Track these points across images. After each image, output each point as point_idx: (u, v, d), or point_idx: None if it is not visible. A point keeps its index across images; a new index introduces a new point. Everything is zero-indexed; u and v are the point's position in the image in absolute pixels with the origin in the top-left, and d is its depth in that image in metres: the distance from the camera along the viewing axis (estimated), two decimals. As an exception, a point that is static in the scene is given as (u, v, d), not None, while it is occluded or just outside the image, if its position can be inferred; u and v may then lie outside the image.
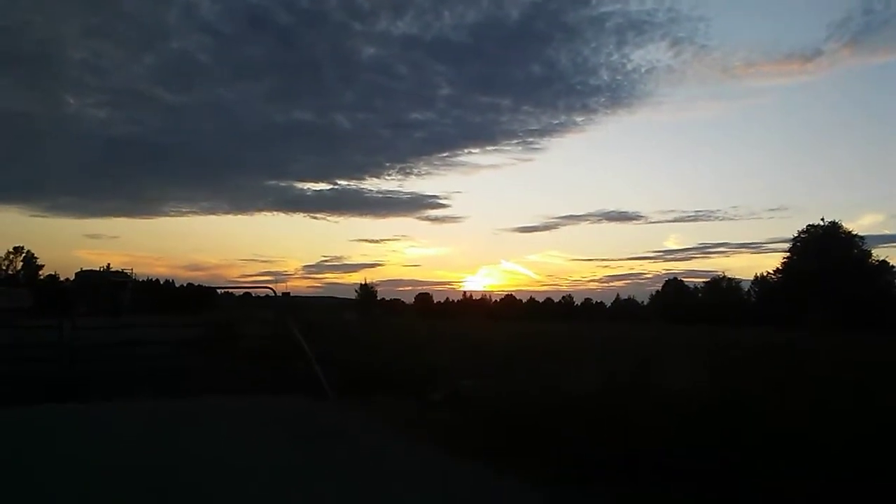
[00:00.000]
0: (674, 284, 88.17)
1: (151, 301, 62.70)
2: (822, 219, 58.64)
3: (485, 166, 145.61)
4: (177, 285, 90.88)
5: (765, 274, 69.30)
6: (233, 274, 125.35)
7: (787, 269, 60.36)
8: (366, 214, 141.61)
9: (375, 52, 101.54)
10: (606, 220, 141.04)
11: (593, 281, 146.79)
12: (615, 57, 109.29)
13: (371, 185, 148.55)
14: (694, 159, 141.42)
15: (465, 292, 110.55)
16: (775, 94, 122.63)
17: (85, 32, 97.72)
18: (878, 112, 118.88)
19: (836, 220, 58.05)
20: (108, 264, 73.04)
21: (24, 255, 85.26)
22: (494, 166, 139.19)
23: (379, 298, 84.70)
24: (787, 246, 61.38)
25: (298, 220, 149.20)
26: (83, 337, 14.11)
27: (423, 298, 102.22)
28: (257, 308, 26.62)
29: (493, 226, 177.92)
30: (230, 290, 38.50)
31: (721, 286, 78.86)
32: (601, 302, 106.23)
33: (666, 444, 5.77)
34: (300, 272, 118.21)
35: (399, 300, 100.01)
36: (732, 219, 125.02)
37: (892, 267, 56.02)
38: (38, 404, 10.60)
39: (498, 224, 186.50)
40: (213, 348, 16.08)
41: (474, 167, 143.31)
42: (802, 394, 7.32)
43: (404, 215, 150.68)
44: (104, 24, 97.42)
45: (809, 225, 59.37)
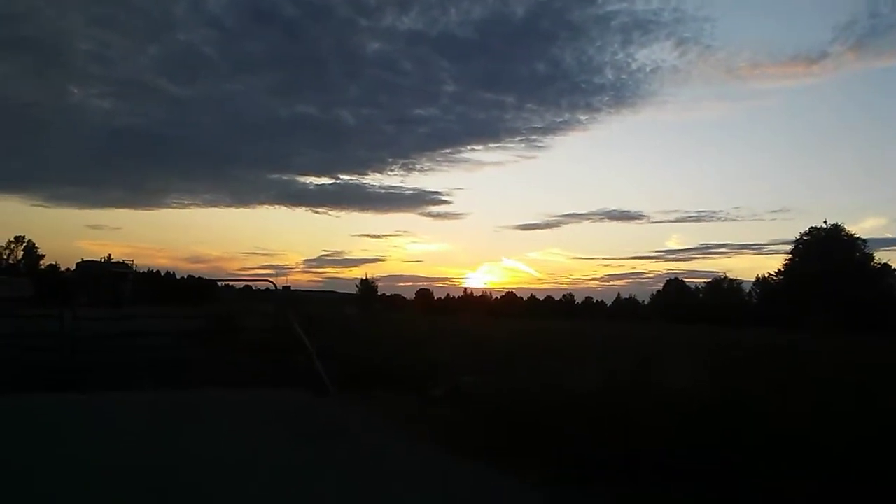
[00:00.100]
0: (675, 284, 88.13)
1: (152, 292, 62.74)
2: (825, 221, 58.62)
3: (488, 163, 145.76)
4: (178, 277, 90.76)
5: (766, 275, 69.32)
6: (234, 267, 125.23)
7: (789, 270, 60.30)
8: (368, 209, 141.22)
9: (380, 48, 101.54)
10: (608, 218, 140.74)
11: (594, 280, 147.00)
12: (620, 56, 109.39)
13: (373, 180, 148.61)
14: (697, 159, 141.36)
15: (465, 289, 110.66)
16: (780, 96, 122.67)
17: (91, 22, 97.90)
18: (882, 115, 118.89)
19: (839, 223, 58.05)
20: (110, 255, 73.07)
21: (25, 244, 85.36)
22: (497, 163, 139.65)
23: (380, 294, 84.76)
24: (789, 248, 61.39)
25: (300, 213, 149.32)
26: (84, 327, 14.11)
27: (424, 294, 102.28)
28: (258, 301, 26.66)
29: (495, 223, 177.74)
30: (231, 283, 38.59)
31: (722, 287, 78.80)
32: (602, 301, 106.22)
33: (666, 444, 5.75)
34: (301, 266, 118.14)
35: (400, 296, 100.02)
36: (735, 220, 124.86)
37: (895, 270, 56.05)
38: (38, 394, 10.61)
39: (500, 221, 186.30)
40: (214, 340, 16.08)
41: (477, 164, 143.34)
42: (803, 395, 7.29)
43: (406, 211, 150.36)
44: (111, 14, 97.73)
45: (812, 227, 59.36)
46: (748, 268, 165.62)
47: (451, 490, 5.84)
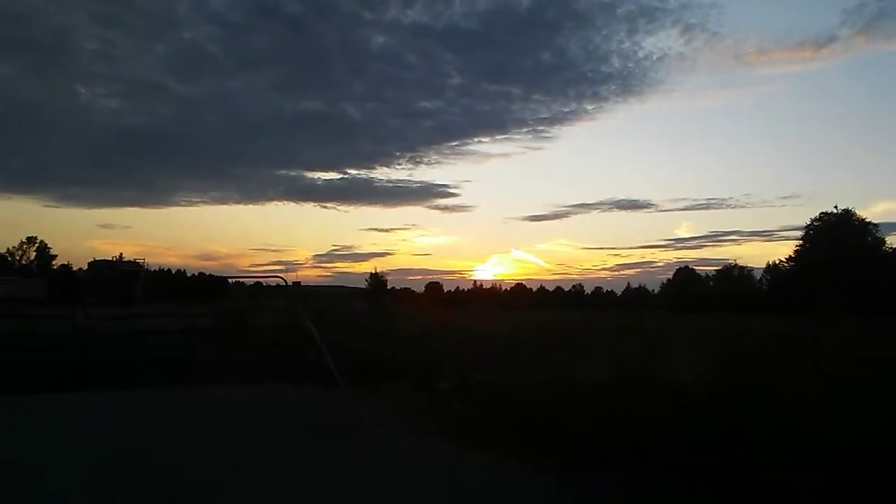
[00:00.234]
0: (685, 273, 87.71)
1: (164, 290, 63.11)
2: (836, 206, 58.22)
3: (495, 155, 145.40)
4: (189, 275, 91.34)
5: (777, 262, 68.96)
6: (244, 263, 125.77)
7: (799, 257, 59.95)
8: (376, 204, 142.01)
9: (385, 41, 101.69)
10: (617, 208, 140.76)
11: (604, 269, 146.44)
12: (626, 44, 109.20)
13: (381, 174, 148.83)
14: (705, 147, 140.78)
15: (475, 281, 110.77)
16: (788, 82, 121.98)
17: (96, 21, 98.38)
18: (892, 99, 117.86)
19: (850, 208, 57.64)
20: (121, 254, 73.57)
21: (37, 245, 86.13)
22: (504, 155, 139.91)
23: (389, 287, 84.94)
24: (799, 234, 61.02)
25: (308, 209, 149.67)
26: (95, 327, 14.24)
27: (433, 287, 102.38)
28: (268, 297, 26.76)
29: (503, 214, 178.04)
30: (241, 280, 38.74)
31: (733, 274, 78.41)
32: (612, 291, 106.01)
33: (669, 437, 5.76)
34: (310, 261, 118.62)
35: (409, 289, 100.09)
36: (744, 206, 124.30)
37: (906, 254, 55.62)
38: (49, 394, 10.68)
39: (508, 213, 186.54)
40: (225, 338, 16.19)
41: (484, 156, 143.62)
42: (808, 386, 7.27)
43: (414, 204, 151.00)
44: (115, 13, 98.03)
45: (822, 212, 58.95)
46: (758, 255, 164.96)
47: (461, 483, 5.89)
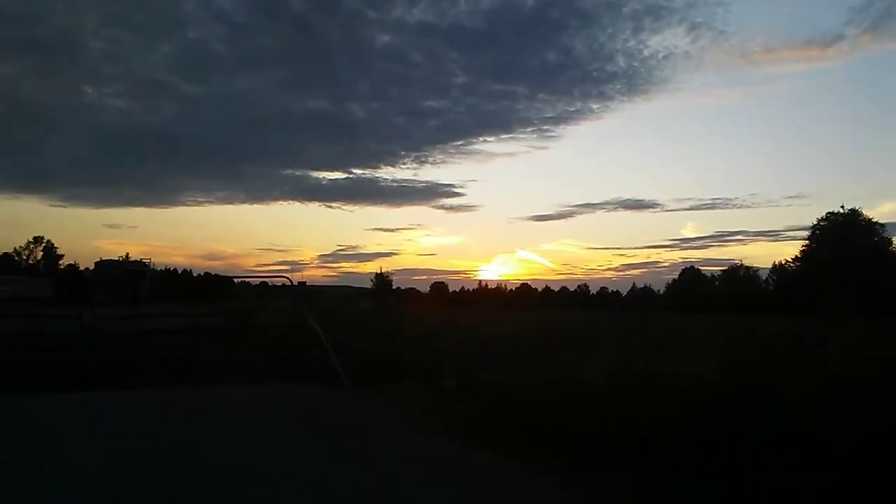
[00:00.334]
0: (690, 273, 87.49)
1: (170, 290, 63.31)
2: (842, 206, 58.10)
3: (500, 154, 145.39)
4: (195, 274, 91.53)
5: (783, 262, 68.80)
6: (249, 263, 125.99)
7: (806, 257, 59.81)
8: (381, 203, 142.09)
9: (390, 40, 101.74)
10: (622, 208, 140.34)
11: (609, 270, 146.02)
12: (632, 43, 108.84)
13: (386, 173, 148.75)
14: (711, 146, 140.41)
15: (480, 281, 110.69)
16: (794, 81, 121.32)
17: (104, 21, 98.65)
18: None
19: (856, 208, 57.50)
20: (128, 254, 73.81)
21: (44, 244, 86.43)
22: (509, 154, 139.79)
23: (394, 287, 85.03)
24: (806, 234, 60.91)
25: (314, 209, 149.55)
26: (101, 326, 14.30)
27: (439, 287, 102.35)
28: (274, 297, 26.83)
29: (509, 214, 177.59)
30: (247, 280, 38.81)
31: (738, 274, 78.22)
32: (617, 291, 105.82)
33: (673, 437, 5.76)
34: (316, 261, 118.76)
35: (414, 289, 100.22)
36: (750, 206, 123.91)
37: (914, 254, 55.39)
38: (56, 393, 10.72)
39: (513, 212, 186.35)
40: (230, 337, 16.24)
41: (489, 155, 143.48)
42: (813, 386, 7.26)
43: (419, 204, 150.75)
44: (122, 12, 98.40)
45: (829, 212, 58.83)
46: (764, 255, 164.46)
47: (466, 482, 5.90)
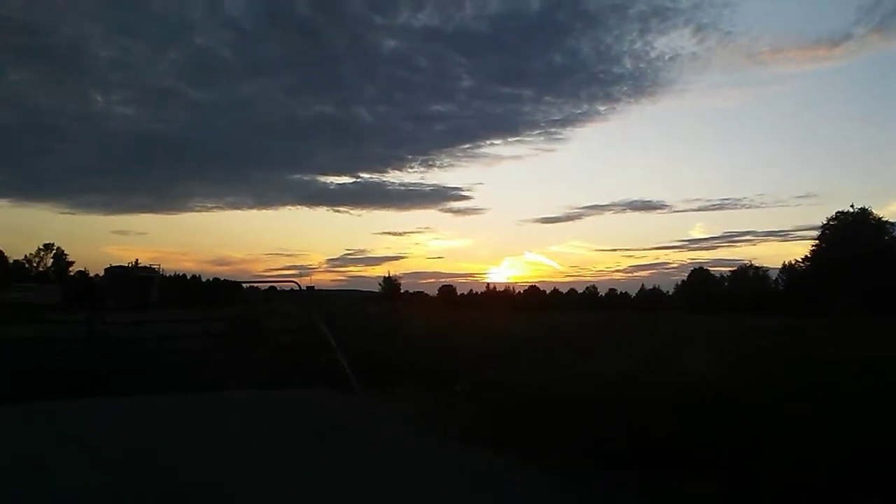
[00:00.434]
0: (699, 274, 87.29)
1: (179, 296, 63.55)
2: (852, 206, 57.86)
3: (507, 157, 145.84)
4: (203, 280, 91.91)
5: (793, 262, 68.55)
6: (258, 268, 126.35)
7: (816, 256, 59.55)
8: (388, 207, 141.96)
9: (396, 45, 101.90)
10: (630, 209, 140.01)
11: (618, 271, 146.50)
12: (638, 45, 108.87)
13: (393, 177, 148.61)
14: (719, 147, 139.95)
15: (488, 284, 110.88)
16: (802, 80, 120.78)
17: (112, 30, 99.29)
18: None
19: (866, 207, 57.24)
20: (137, 260, 74.16)
21: (54, 251, 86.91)
22: (517, 157, 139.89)
23: (402, 291, 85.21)
24: (815, 233, 60.68)
25: (322, 213, 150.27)
26: (111, 332, 14.36)
27: (447, 290, 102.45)
28: (282, 302, 26.93)
29: (516, 217, 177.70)
30: (256, 285, 38.92)
31: (748, 275, 78.02)
32: (626, 292, 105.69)
33: (676, 438, 5.75)
34: (324, 266, 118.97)
35: (423, 292, 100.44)
36: (759, 207, 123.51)
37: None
38: (64, 399, 10.70)
39: (521, 215, 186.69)
40: (239, 342, 16.27)
41: (496, 158, 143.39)
42: (818, 388, 7.24)
43: (427, 208, 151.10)
44: (131, 21, 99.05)
45: (838, 212, 58.63)
46: (774, 255, 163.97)
47: (468, 483, 5.91)
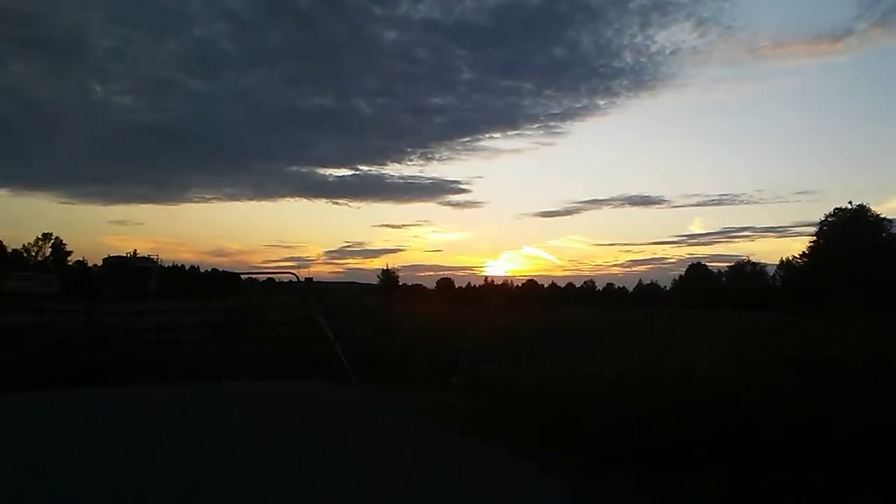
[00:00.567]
0: (697, 269, 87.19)
1: (177, 286, 63.53)
2: (850, 202, 57.75)
3: (506, 151, 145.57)
4: (202, 271, 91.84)
5: (790, 258, 68.59)
6: (256, 259, 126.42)
7: (813, 253, 59.54)
8: (387, 200, 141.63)
9: (396, 37, 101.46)
10: (629, 204, 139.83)
11: (616, 266, 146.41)
12: (639, 38, 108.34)
13: (392, 170, 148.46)
14: (718, 142, 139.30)
15: (486, 277, 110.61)
16: (802, 75, 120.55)
17: (111, 19, 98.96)
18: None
19: (864, 204, 57.18)
20: (135, 250, 73.96)
21: (52, 241, 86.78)
22: (516, 151, 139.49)
23: (400, 284, 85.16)
24: (813, 230, 60.61)
25: (320, 205, 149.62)
26: (109, 322, 14.34)
27: (445, 284, 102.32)
28: (280, 293, 26.89)
29: (515, 211, 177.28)
30: (254, 276, 38.89)
31: (745, 271, 77.96)
32: (623, 287, 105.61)
33: (676, 437, 5.76)
34: (322, 258, 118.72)
35: (421, 285, 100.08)
36: (757, 202, 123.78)
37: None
38: (62, 389, 10.70)
39: (520, 209, 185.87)
40: (237, 334, 16.27)
41: (496, 152, 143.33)
42: (817, 387, 7.25)
43: (426, 200, 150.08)
44: (130, 11, 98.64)
45: (837, 208, 58.48)
46: (772, 251, 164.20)
47: (467, 475, 5.93)
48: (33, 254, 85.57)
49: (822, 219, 59.29)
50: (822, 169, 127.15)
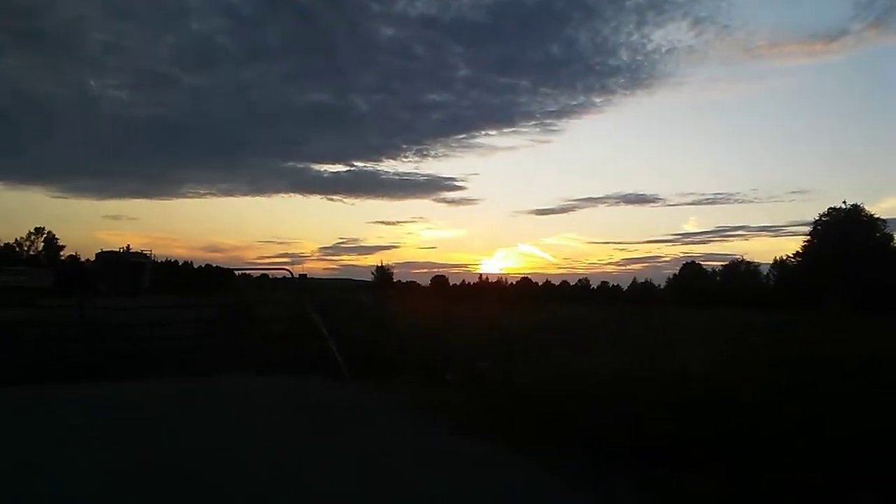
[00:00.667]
0: (691, 268, 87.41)
1: (170, 282, 63.33)
2: (844, 202, 58.00)
3: (502, 148, 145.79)
4: (195, 266, 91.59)
5: (785, 257, 68.83)
6: (250, 255, 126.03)
7: (807, 252, 59.75)
8: (382, 196, 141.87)
9: (393, 33, 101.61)
10: (624, 202, 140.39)
11: (610, 264, 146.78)
12: (635, 37, 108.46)
13: (388, 166, 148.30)
14: (714, 141, 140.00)
15: (481, 275, 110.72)
16: (798, 75, 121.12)
17: (107, 13, 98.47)
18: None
19: (858, 203, 57.40)
20: (128, 245, 73.85)
21: (45, 235, 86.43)
22: (512, 148, 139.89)
23: (395, 281, 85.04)
24: (807, 229, 60.84)
25: (315, 201, 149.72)
26: (101, 317, 14.27)
27: (439, 281, 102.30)
28: (274, 289, 26.87)
29: (510, 208, 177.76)
30: (247, 272, 38.79)
31: (739, 270, 78.26)
32: (618, 285, 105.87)
33: (672, 436, 5.74)
34: (317, 254, 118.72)
35: (415, 282, 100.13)
36: (752, 202, 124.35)
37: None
38: (55, 384, 10.64)
39: (515, 206, 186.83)
40: (230, 329, 16.21)
41: (491, 149, 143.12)
42: (810, 387, 7.24)
43: (421, 197, 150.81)
44: (126, 5, 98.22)
45: (831, 208, 58.78)
46: (766, 250, 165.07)
47: (462, 473, 5.92)
48: (25, 248, 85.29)
49: (817, 218, 59.63)
50: (817, 168, 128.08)
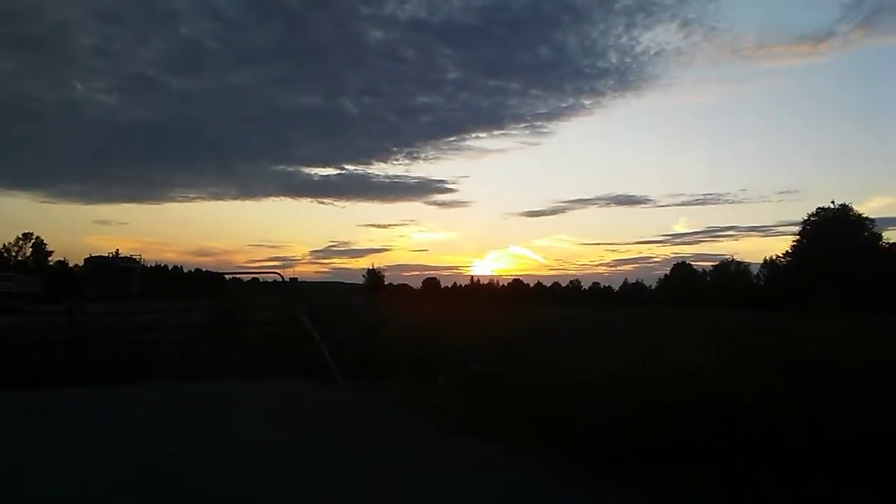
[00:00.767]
0: (682, 268, 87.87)
1: (160, 286, 63.03)
2: (833, 202, 58.44)
3: (492, 150, 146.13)
4: (185, 271, 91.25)
5: (774, 257, 69.28)
6: (241, 259, 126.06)
7: (796, 252, 60.15)
8: (373, 199, 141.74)
9: (382, 36, 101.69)
10: (615, 203, 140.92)
11: (601, 265, 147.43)
12: (624, 39, 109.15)
13: (378, 169, 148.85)
14: (703, 142, 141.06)
15: (472, 277, 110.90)
16: (786, 76, 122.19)
17: (95, 17, 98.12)
18: (890, 94, 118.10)
19: (847, 203, 57.82)
20: (118, 250, 73.26)
21: (33, 241, 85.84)
22: (502, 150, 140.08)
23: (386, 283, 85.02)
24: (797, 229, 61.24)
25: (306, 205, 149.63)
26: (91, 322, 14.16)
27: (431, 283, 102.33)
28: (265, 293, 26.71)
29: (501, 210, 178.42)
30: (238, 276, 38.63)
31: (729, 270, 78.70)
32: (609, 286, 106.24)
33: (669, 436, 5.73)
34: (308, 257, 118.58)
35: (406, 285, 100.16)
36: (741, 202, 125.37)
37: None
38: (43, 390, 10.55)
39: (506, 208, 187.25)
40: (221, 333, 16.12)
41: (482, 151, 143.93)
42: (805, 388, 7.26)
43: (412, 200, 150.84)
44: (114, 8, 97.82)
45: (819, 208, 59.23)
46: (756, 250, 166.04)
47: (456, 474, 5.89)
48: (13, 254, 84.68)
49: (806, 218, 60.04)
50: (806, 169, 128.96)
